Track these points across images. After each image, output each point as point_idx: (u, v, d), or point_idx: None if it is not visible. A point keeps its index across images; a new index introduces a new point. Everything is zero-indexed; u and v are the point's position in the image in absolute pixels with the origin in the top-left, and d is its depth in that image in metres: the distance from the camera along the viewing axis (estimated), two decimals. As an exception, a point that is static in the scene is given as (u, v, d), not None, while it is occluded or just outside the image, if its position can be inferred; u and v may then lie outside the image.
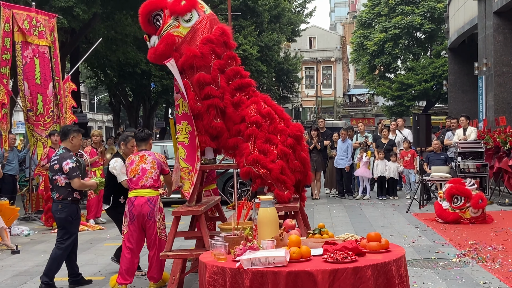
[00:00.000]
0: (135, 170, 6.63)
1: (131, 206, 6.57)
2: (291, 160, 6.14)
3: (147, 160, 6.66)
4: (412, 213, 12.18)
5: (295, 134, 6.27)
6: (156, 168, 6.66)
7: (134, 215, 6.56)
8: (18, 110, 21.50)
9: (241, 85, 6.33)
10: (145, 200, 6.55)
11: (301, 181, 6.44)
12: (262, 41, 32.31)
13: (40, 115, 12.54)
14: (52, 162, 6.86)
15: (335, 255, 3.81)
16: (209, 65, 6.14)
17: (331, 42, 61.53)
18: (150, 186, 6.61)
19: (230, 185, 14.11)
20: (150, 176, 6.61)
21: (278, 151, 6.08)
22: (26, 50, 12.30)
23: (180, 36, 6.15)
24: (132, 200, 6.58)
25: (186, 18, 6.17)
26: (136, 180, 6.59)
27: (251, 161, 6.07)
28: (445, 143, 14.73)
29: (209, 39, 6.15)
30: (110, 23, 21.20)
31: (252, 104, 6.28)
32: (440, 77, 36.86)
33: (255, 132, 6.13)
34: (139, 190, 6.58)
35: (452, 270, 7.22)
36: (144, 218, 6.56)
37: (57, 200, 6.83)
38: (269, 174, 5.99)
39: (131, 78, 28.41)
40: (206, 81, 6.11)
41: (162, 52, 6.15)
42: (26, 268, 8.12)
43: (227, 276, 3.81)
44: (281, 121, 6.33)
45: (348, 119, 52.57)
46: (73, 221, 6.93)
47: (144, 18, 6.25)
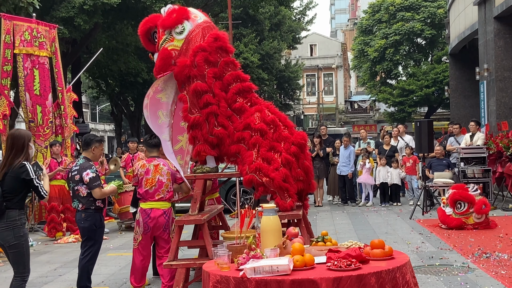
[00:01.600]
0: (151, 182, 6.73)
1: (147, 218, 6.71)
2: (294, 169, 6.13)
3: (163, 171, 6.78)
4: (415, 219, 12.15)
5: (299, 142, 6.26)
6: (171, 180, 6.81)
7: (149, 226, 6.72)
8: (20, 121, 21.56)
9: (241, 89, 6.31)
10: (161, 212, 6.73)
11: (304, 190, 6.43)
12: (263, 49, 32.38)
13: (40, 126, 12.56)
14: (72, 173, 6.80)
15: (339, 263, 3.79)
16: (203, 73, 6.14)
17: (332, 49, 61.62)
18: (166, 199, 6.79)
19: (233, 193, 14.10)
20: (167, 189, 6.79)
21: (282, 159, 6.07)
22: (27, 61, 12.33)
23: (176, 49, 6.19)
24: (147, 212, 6.72)
25: (178, 31, 6.21)
26: (152, 193, 6.72)
27: (254, 169, 6.06)
28: (448, 148, 14.72)
29: (201, 47, 6.16)
30: (111, 33, 21.27)
31: (256, 112, 6.27)
32: (441, 82, 36.87)
33: (259, 140, 6.12)
34: (155, 203, 6.72)
35: (456, 276, 7.19)
36: (159, 229, 6.74)
37: (80, 210, 6.80)
38: (271, 182, 5.98)
39: (132, 87, 28.47)
40: (202, 90, 6.12)
41: (159, 67, 6.23)
42: (30, 279, 8.07)
43: (230, 285, 3.79)
44: (285, 128, 6.33)
45: (350, 126, 52.55)
46: (97, 229, 6.90)
47: (144, 37, 6.37)
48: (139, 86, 28.17)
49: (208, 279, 3.99)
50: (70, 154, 12.80)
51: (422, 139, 12.80)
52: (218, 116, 6.20)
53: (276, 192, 6.03)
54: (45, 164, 11.80)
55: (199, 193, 6.48)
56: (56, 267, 8.91)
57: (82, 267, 6.88)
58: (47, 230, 11.84)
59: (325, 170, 15.52)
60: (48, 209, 11.73)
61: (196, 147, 6.34)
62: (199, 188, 6.50)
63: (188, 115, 6.24)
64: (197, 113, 6.21)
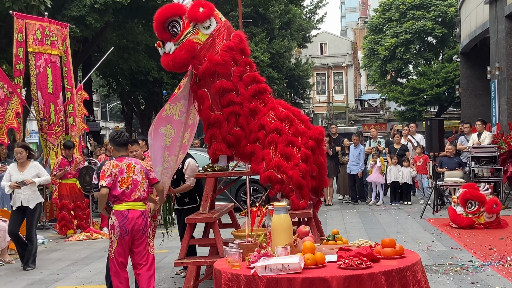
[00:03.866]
0: (127, 181, 6.18)
1: (124, 220, 6.10)
2: (310, 163, 6.14)
3: (136, 169, 6.24)
4: (426, 218, 12.12)
5: (317, 137, 6.27)
6: (145, 179, 6.30)
7: (127, 229, 6.12)
8: (32, 119, 21.66)
9: (258, 90, 6.34)
10: (139, 213, 6.18)
11: (318, 186, 6.42)
12: (273, 47, 32.35)
13: (52, 124, 12.64)
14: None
15: (350, 262, 3.80)
16: (229, 72, 6.15)
17: (342, 48, 61.48)
18: (143, 199, 6.28)
19: (243, 192, 14.11)
20: (143, 188, 6.26)
21: (302, 154, 6.08)
22: (39, 59, 12.40)
23: (199, 43, 6.16)
24: (124, 213, 6.11)
25: (206, 25, 6.17)
26: (129, 193, 6.16)
27: (273, 166, 6.06)
28: (458, 147, 14.66)
29: (230, 46, 6.16)
30: (122, 31, 21.33)
31: (270, 110, 6.29)
32: (452, 81, 36.70)
33: (276, 138, 6.13)
34: (132, 203, 6.18)
35: (467, 275, 7.17)
36: (138, 232, 6.19)
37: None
38: (290, 179, 6.00)
39: (143, 86, 28.52)
40: (227, 89, 6.13)
41: (182, 59, 6.13)
42: (41, 277, 8.16)
43: (242, 283, 3.80)
44: (300, 122, 6.33)
45: (360, 125, 52.42)
46: None
47: (160, 24, 6.19)
48: (150, 85, 28.22)
49: (219, 277, 4.01)
50: (79, 153, 12.86)
51: (433, 138, 12.76)
52: (240, 116, 6.20)
53: (292, 190, 6.04)
54: (56, 163, 11.89)
55: (209, 191, 6.51)
56: (67, 265, 8.96)
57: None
58: (58, 228, 11.91)
59: (335, 169, 15.50)
60: (59, 207, 11.80)
61: (213, 145, 6.35)
62: (210, 187, 6.53)
63: (208, 113, 6.23)
64: (218, 111, 6.21)
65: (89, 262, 9.10)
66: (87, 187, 11.64)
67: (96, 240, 11.30)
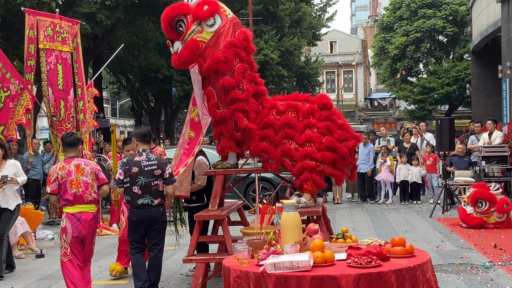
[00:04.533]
0: (77, 184, 6.13)
1: (77, 223, 6.08)
2: (334, 132, 6.11)
3: (85, 171, 6.21)
4: (435, 218, 12.07)
5: (323, 104, 6.24)
6: (95, 180, 6.27)
7: (80, 232, 6.11)
8: (42, 115, 21.77)
9: (256, 92, 6.33)
10: (91, 216, 6.20)
11: (353, 146, 6.32)
12: (283, 45, 32.29)
13: (63, 121, 12.67)
14: (150, 167, 6.41)
15: (359, 260, 3.79)
16: (232, 69, 6.14)
17: (352, 46, 61.31)
18: (94, 201, 6.26)
19: (252, 189, 14.11)
20: (93, 190, 6.25)
21: (321, 127, 6.06)
22: (50, 56, 12.44)
23: (204, 41, 6.17)
24: (77, 216, 6.09)
25: (209, 23, 6.18)
26: (81, 195, 6.12)
27: (301, 156, 6.05)
28: (469, 147, 14.58)
29: (233, 43, 6.16)
30: (132, 29, 21.38)
31: (271, 109, 6.28)
32: (462, 80, 36.52)
33: (288, 132, 6.13)
34: (84, 206, 6.15)
35: (477, 275, 7.13)
36: (89, 236, 6.22)
37: (157, 204, 6.44)
38: (322, 161, 5.99)
39: (153, 83, 28.58)
40: (230, 85, 6.12)
41: (186, 58, 6.16)
42: (51, 272, 8.19)
43: (250, 280, 3.80)
44: (303, 102, 6.30)
45: (369, 123, 52.28)
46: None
47: (167, 24, 6.24)
48: (159, 82, 28.27)
49: (228, 274, 4.00)
50: (88, 149, 12.89)
51: (443, 137, 12.70)
52: (249, 112, 6.19)
53: (328, 166, 6.04)
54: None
55: (219, 189, 6.51)
56: (76, 261, 8.98)
57: (160, 264, 6.61)
58: (68, 224, 11.94)
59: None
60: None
61: (221, 143, 6.36)
62: (219, 184, 6.53)
63: (215, 110, 6.24)
64: (224, 109, 6.21)
65: (98, 258, 9.12)
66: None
67: (106, 236, 11.34)
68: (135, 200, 6.34)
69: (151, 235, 6.51)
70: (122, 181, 6.40)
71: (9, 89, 11.34)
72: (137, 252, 6.48)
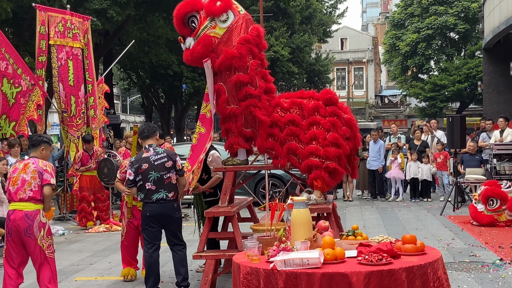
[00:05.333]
0: (15, 181, 5.91)
1: (8, 221, 5.89)
2: (339, 128, 6.09)
3: (29, 169, 5.92)
4: (446, 215, 12.02)
5: (327, 98, 6.21)
6: (36, 178, 5.89)
7: (10, 230, 5.88)
8: (53, 111, 21.84)
9: (266, 89, 6.31)
10: (22, 214, 5.81)
11: (353, 147, 6.31)
12: (293, 42, 32.21)
13: (73, 116, 12.73)
14: (160, 160, 6.41)
15: (370, 257, 3.77)
16: (246, 65, 6.13)
17: (363, 43, 61.08)
18: (30, 199, 5.86)
19: (262, 186, 14.10)
20: (29, 187, 5.87)
21: (326, 124, 6.03)
22: (61, 52, 12.49)
23: (217, 37, 6.17)
24: (9, 214, 5.91)
25: (222, 19, 6.18)
26: (15, 192, 5.88)
27: (307, 154, 6.03)
28: (480, 144, 14.49)
29: (247, 39, 6.15)
30: (142, 25, 21.41)
31: (276, 107, 6.26)
32: (474, 78, 36.30)
33: (293, 129, 6.11)
34: (18, 203, 5.87)
35: (488, 273, 7.09)
36: (21, 234, 5.84)
37: (171, 199, 6.45)
38: (326, 157, 5.97)
39: (163, 79, 28.63)
40: (244, 82, 6.11)
41: (199, 53, 6.16)
42: (61, 268, 8.22)
43: (261, 277, 3.79)
44: (308, 99, 6.28)
45: (380, 121, 52.10)
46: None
47: (179, 20, 6.24)
48: (170, 78, 28.30)
49: (238, 270, 4.00)
50: (99, 145, 12.94)
51: (454, 134, 12.64)
52: (261, 109, 6.18)
53: (333, 162, 6.01)
54: (78, 157, 11.98)
55: (229, 185, 6.50)
56: (87, 256, 9.03)
57: (184, 259, 6.58)
58: (78, 219, 12.01)
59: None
60: (79, 198, 11.90)
61: (229, 139, 6.35)
62: (229, 180, 6.53)
63: (225, 107, 6.23)
64: (234, 105, 6.20)
65: (108, 253, 9.16)
66: (104, 179, 11.71)
67: (116, 232, 11.36)
68: (149, 196, 6.35)
69: (170, 235, 6.54)
70: (133, 181, 6.42)
71: (20, 85, 11.40)
72: (151, 248, 6.47)
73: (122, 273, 7.38)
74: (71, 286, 7.19)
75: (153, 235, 6.46)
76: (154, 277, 6.43)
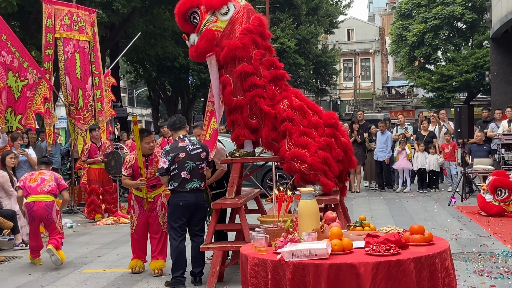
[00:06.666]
0: (34, 179, 7.89)
1: (30, 210, 7.78)
2: (334, 149, 6.10)
3: (46, 173, 8.05)
4: (454, 206, 11.98)
5: (330, 123, 6.23)
6: (53, 179, 7.98)
7: (34, 217, 7.81)
8: (60, 105, 21.88)
9: (275, 76, 6.31)
10: (43, 205, 7.79)
11: (344, 169, 6.36)
12: (299, 33, 32.11)
13: (81, 109, 12.75)
14: (196, 150, 6.51)
15: (378, 248, 3.75)
16: (250, 55, 6.13)
17: (370, 34, 60.84)
18: (47, 192, 7.84)
19: (269, 178, 14.10)
20: (48, 184, 7.88)
21: (321, 142, 6.04)
22: (68, 45, 12.49)
23: (219, 30, 6.16)
24: (31, 205, 7.80)
25: (223, 12, 6.18)
26: (35, 187, 7.81)
27: (290, 157, 6.05)
28: (488, 134, 14.42)
29: (249, 29, 6.15)
30: (148, 17, 21.40)
31: (283, 99, 6.25)
32: (482, 67, 36.08)
33: (289, 127, 6.10)
34: (38, 196, 7.79)
35: (496, 263, 7.07)
36: (43, 220, 7.90)
37: (202, 189, 6.56)
38: (310, 166, 5.96)
39: (169, 72, 28.62)
40: (249, 72, 6.11)
41: (203, 49, 6.17)
42: (70, 260, 8.26)
43: (268, 268, 3.79)
44: (314, 114, 6.28)
45: (387, 112, 51.92)
46: None
47: (181, 17, 6.29)
48: (176, 71, 28.29)
49: (245, 262, 4.00)
50: (106, 138, 12.96)
51: (462, 124, 12.57)
52: (265, 99, 6.18)
53: (318, 175, 6.00)
54: (86, 149, 12.00)
55: (236, 177, 6.50)
56: (95, 248, 9.06)
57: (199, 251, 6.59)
58: (87, 212, 12.04)
59: (362, 156, 15.38)
60: (88, 191, 11.92)
61: (235, 131, 6.35)
62: (236, 172, 6.52)
63: (231, 98, 6.23)
64: (240, 96, 6.20)
65: (116, 246, 9.19)
66: (112, 171, 11.72)
67: (123, 224, 11.40)
68: (183, 185, 6.42)
69: (195, 222, 6.60)
70: (166, 170, 6.45)
71: (26, 78, 11.42)
72: (180, 237, 6.52)
73: (130, 265, 7.40)
74: (80, 278, 7.22)
75: (183, 224, 6.54)
76: (183, 265, 6.52)
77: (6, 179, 9.49)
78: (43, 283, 7.05)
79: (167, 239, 7.01)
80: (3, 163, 9.65)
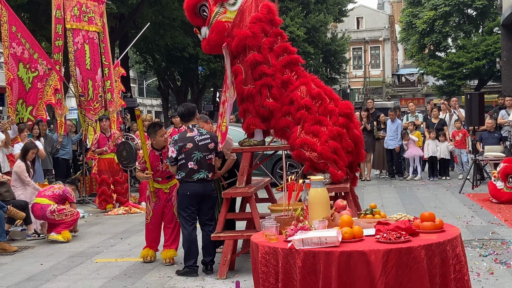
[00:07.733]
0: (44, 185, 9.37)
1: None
2: (345, 140, 6.10)
3: (57, 185, 9.28)
4: (465, 193, 11.95)
5: (345, 113, 6.23)
6: (61, 190, 9.11)
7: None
8: (70, 96, 21.94)
9: (289, 61, 6.31)
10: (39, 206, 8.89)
11: (354, 161, 6.38)
12: (309, 22, 31.99)
13: (91, 100, 12.79)
14: (204, 141, 6.52)
15: (388, 235, 3.74)
16: (259, 44, 6.14)
17: (379, 22, 60.49)
18: (48, 197, 8.96)
19: (279, 167, 14.11)
20: (53, 190, 9.09)
21: (333, 131, 6.04)
22: (77, 36, 12.52)
23: (229, 21, 6.18)
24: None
25: (231, 2, 6.19)
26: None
27: (299, 144, 6.06)
28: (499, 121, 14.34)
29: (258, 17, 6.15)
30: (157, 7, 21.40)
31: (302, 85, 6.24)
32: (492, 54, 35.81)
33: (305, 115, 6.11)
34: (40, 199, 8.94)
35: (508, 251, 7.05)
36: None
37: (210, 179, 6.60)
38: (320, 155, 5.97)
39: (179, 62, 28.64)
40: (259, 61, 6.13)
41: (215, 41, 6.19)
42: (82, 250, 8.32)
43: (279, 256, 3.80)
44: (331, 101, 6.29)
45: (397, 100, 51.70)
46: None
47: (190, 11, 6.31)
48: (185, 61, 28.30)
49: (256, 250, 4.01)
50: (116, 128, 13.01)
51: (472, 112, 12.51)
52: (273, 87, 6.19)
53: (327, 164, 6.01)
54: (94, 139, 12.05)
55: (246, 166, 6.51)
56: (107, 238, 9.12)
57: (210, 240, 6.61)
58: (98, 202, 12.11)
59: (372, 144, 15.36)
60: (99, 182, 11.98)
61: (247, 119, 6.36)
62: (246, 161, 6.53)
63: (242, 87, 6.24)
64: (251, 85, 6.21)
65: (128, 235, 9.25)
66: (124, 162, 11.77)
67: (135, 214, 11.46)
68: (190, 175, 6.45)
69: (204, 211, 6.64)
70: (175, 159, 6.48)
71: (37, 70, 11.47)
72: (191, 226, 6.57)
73: (141, 254, 7.45)
74: (92, 267, 7.28)
75: (192, 213, 6.58)
76: (195, 254, 6.57)
77: (23, 169, 9.62)
78: (56, 272, 7.11)
79: (180, 229, 7.04)
80: (24, 154, 9.76)
